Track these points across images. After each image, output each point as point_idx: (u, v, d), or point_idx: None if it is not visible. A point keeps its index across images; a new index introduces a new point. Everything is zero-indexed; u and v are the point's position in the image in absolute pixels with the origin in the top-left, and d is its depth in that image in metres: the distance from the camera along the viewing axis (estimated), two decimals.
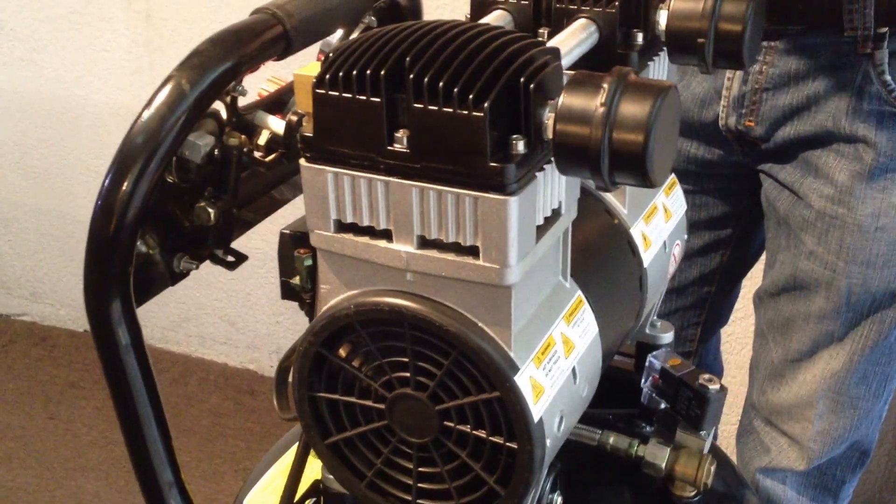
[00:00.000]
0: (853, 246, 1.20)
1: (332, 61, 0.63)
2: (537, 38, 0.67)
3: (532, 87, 0.59)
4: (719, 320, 1.53)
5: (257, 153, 0.80)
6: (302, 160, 0.65)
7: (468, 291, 0.64)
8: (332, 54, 0.63)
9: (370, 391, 0.70)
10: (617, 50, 0.75)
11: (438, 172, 0.61)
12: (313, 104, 0.63)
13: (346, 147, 0.63)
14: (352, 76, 0.61)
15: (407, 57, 0.61)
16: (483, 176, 0.59)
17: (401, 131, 0.61)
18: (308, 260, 0.75)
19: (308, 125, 0.64)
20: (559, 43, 0.70)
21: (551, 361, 0.68)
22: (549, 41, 0.71)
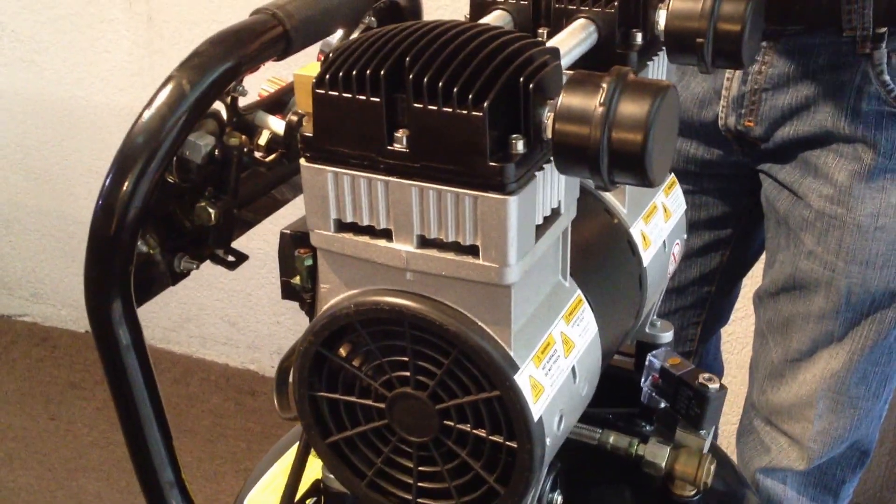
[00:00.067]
0: (852, 246, 1.20)
1: (332, 61, 0.63)
2: (537, 38, 0.67)
3: (531, 87, 0.60)
4: (719, 320, 1.53)
5: (258, 153, 0.80)
6: (302, 160, 0.65)
7: (468, 291, 0.64)
8: (332, 54, 0.63)
9: (370, 390, 0.70)
10: (616, 50, 0.75)
11: (438, 172, 0.61)
12: (313, 104, 0.63)
13: (346, 147, 0.63)
14: (352, 76, 0.61)
15: (407, 57, 0.61)
16: (482, 175, 0.60)
17: (400, 131, 0.61)
18: (308, 260, 0.75)
19: (308, 125, 0.65)
20: (558, 43, 0.70)
21: (551, 360, 0.68)
22: (549, 41, 0.71)
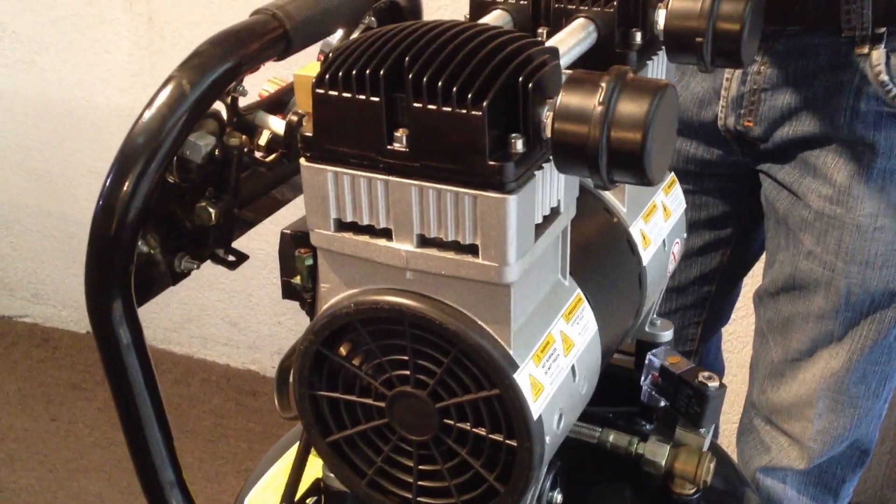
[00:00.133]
0: (852, 246, 1.20)
1: (332, 61, 0.63)
2: (536, 38, 0.67)
3: (531, 87, 0.60)
4: (720, 319, 1.53)
5: (258, 153, 0.80)
6: (302, 160, 0.65)
7: (468, 289, 0.64)
8: (332, 54, 0.64)
9: (370, 389, 0.70)
10: (615, 49, 0.75)
11: (438, 171, 0.61)
12: (313, 104, 0.63)
13: (346, 146, 0.63)
14: (351, 76, 0.61)
15: (406, 57, 0.61)
16: (482, 175, 0.60)
17: (400, 130, 0.61)
18: (309, 259, 0.76)
19: (308, 125, 0.65)
20: (558, 42, 0.70)
21: (550, 359, 0.68)
22: (548, 41, 0.71)
